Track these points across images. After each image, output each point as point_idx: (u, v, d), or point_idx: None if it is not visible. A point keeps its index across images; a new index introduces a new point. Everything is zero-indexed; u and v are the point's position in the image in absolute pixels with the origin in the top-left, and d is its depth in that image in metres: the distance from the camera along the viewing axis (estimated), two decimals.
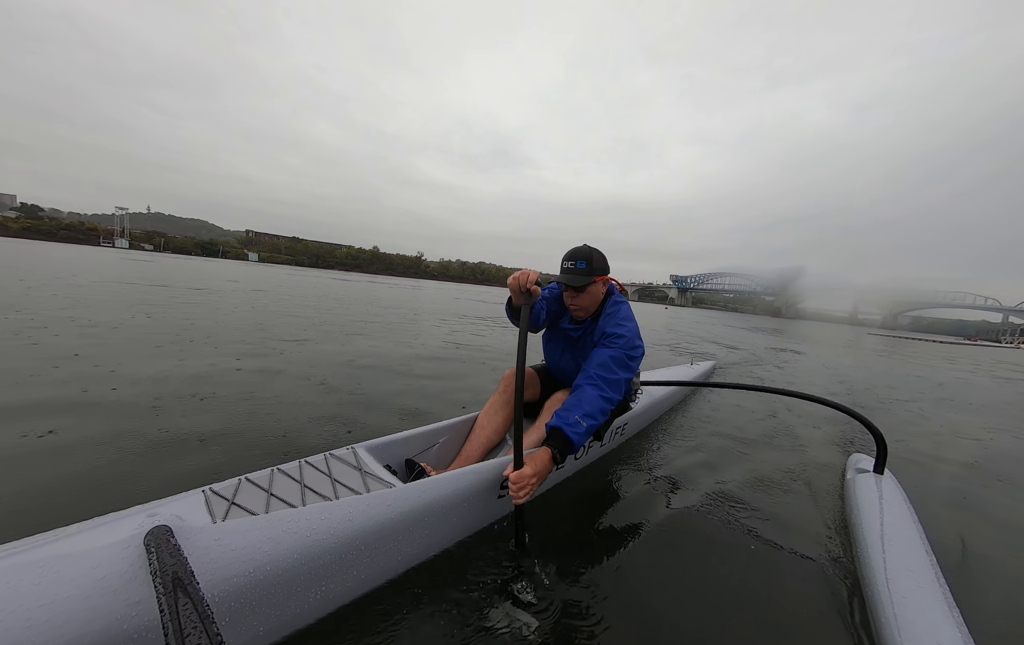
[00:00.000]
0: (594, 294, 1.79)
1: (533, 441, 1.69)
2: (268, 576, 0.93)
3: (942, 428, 3.97)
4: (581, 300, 1.77)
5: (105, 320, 5.03)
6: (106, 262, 20.94)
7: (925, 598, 1.22)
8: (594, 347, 1.77)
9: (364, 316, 8.53)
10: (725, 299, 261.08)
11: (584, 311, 1.82)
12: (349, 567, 1.09)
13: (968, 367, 12.22)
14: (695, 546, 1.61)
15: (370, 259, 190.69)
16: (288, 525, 0.99)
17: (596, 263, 1.73)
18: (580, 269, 1.71)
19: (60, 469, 1.71)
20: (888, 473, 2.07)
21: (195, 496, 1.11)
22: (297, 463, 1.33)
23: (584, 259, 1.71)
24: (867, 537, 1.55)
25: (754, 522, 1.80)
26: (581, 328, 1.88)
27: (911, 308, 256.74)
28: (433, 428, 1.77)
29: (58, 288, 7.82)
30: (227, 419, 2.36)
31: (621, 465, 2.22)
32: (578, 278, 1.70)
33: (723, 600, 1.34)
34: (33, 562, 0.75)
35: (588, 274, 1.71)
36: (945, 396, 6.05)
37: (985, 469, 2.89)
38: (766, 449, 2.77)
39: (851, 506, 1.85)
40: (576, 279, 1.70)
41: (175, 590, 0.71)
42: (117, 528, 0.94)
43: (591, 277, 1.71)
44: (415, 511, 1.23)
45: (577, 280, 1.70)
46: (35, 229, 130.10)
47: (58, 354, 3.34)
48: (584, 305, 1.80)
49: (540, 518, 1.63)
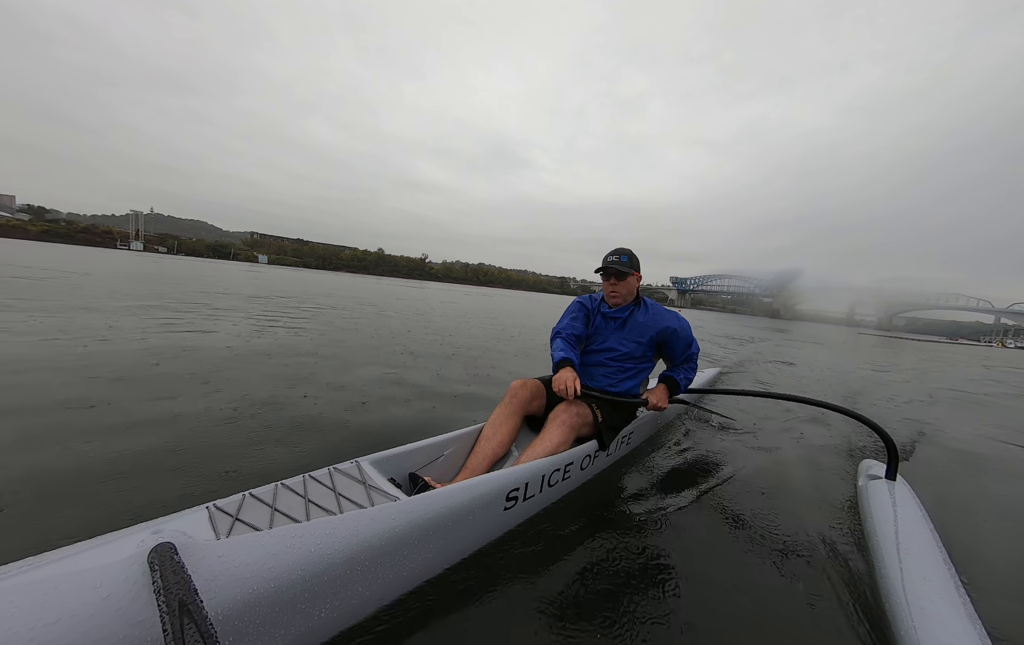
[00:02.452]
0: (631, 285, 2.11)
1: (539, 452, 1.66)
2: (272, 593, 0.90)
3: (941, 428, 3.90)
4: (620, 288, 2.09)
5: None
6: (226, 273, 21.57)
7: (945, 608, 1.18)
8: (660, 340, 2.14)
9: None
10: (723, 301, 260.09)
11: (622, 298, 2.12)
12: (354, 582, 1.06)
13: (942, 364, 12.50)
14: (704, 555, 1.57)
15: (375, 261, 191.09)
16: (292, 540, 0.96)
17: (634, 260, 2.09)
18: (623, 262, 2.05)
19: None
20: (901, 479, 2.01)
21: (199, 512, 1.08)
22: (301, 478, 1.30)
23: (626, 255, 2.07)
24: (882, 546, 1.51)
25: (765, 531, 1.76)
26: (624, 313, 2.15)
27: (906, 309, 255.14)
28: (438, 440, 1.73)
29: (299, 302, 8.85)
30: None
31: (627, 474, 2.19)
32: (622, 268, 2.04)
33: (737, 611, 1.30)
34: (37, 581, 0.73)
35: (629, 267, 2.06)
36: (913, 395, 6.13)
37: (996, 470, 2.84)
38: (775, 456, 2.71)
39: (865, 514, 1.80)
40: (620, 268, 2.03)
41: (179, 609, 0.69)
42: (121, 546, 0.91)
43: (631, 269, 2.06)
44: (421, 524, 1.19)
45: (621, 268, 2.03)
46: (53, 232, 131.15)
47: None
48: (622, 293, 2.11)
49: (549, 523, 1.61)
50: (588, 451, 1.88)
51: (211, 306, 7.57)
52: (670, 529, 1.72)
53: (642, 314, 2.15)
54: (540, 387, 2.02)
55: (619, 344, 2.14)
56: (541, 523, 1.57)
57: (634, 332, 2.13)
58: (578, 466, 1.84)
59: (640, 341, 2.13)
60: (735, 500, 2.02)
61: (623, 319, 2.15)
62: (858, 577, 1.49)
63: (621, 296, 2.11)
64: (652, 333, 2.13)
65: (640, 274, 2.14)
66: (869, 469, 2.17)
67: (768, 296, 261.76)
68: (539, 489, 1.60)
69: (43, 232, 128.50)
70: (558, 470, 1.69)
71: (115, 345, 3.91)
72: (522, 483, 1.51)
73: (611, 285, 2.08)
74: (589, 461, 1.93)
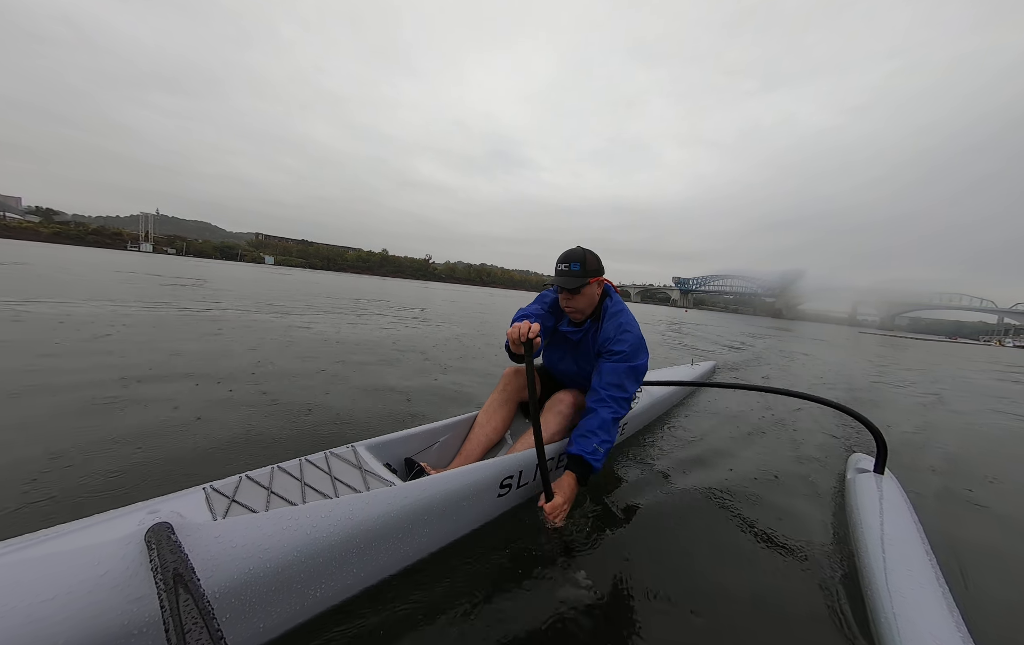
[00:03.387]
0: (589, 295, 1.75)
1: (532, 440, 1.66)
2: (268, 573, 0.92)
3: (931, 422, 3.89)
4: (576, 302, 1.74)
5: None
6: (236, 275, 22.41)
7: (925, 598, 1.19)
8: (598, 357, 1.75)
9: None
10: (725, 301, 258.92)
11: (580, 313, 1.78)
12: (349, 565, 1.07)
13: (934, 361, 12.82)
14: (693, 544, 1.58)
15: (380, 261, 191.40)
16: (288, 523, 0.98)
17: (590, 264, 1.70)
18: (574, 271, 1.68)
19: None
20: (888, 473, 2.02)
21: (196, 493, 1.10)
22: (297, 461, 1.31)
23: (578, 261, 1.68)
24: (867, 537, 1.52)
25: (753, 521, 1.76)
26: (581, 331, 1.83)
27: (909, 309, 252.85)
28: (433, 427, 1.74)
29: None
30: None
31: (620, 463, 2.19)
32: (572, 280, 1.68)
33: (721, 598, 1.31)
34: (36, 558, 0.74)
35: (582, 276, 1.68)
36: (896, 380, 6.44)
37: (982, 466, 2.81)
38: (765, 449, 2.71)
39: (851, 506, 1.81)
40: (570, 281, 1.68)
41: (176, 586, 0.70)
42: (118, 525, 0.92)
43: (585, 278, 1.69)
44: (415, 509, 1.21)
45: (571, 282, 1.67)
46: (65, 234, 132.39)
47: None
48: (580, 307, 1.76)
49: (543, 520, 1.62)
50: None
51: (357, 310, 9.63)
52: (661, 517, 1.72)
53: (604, 331, 1.78)
54: (533, 375, 1.99)
55: (576, 366, 1.90)
56: (534, 510, 1.58)
57: (591, 354, 1.82)
58: None
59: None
60: (725, 490, 2.02)
61: (576, 341, 1.85)
62: (841, 568, 1.50)
63: (580, 311, 1.77)
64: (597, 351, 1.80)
65: (603, 278, 1.79)
66: (858, 463, 2.18)
67: (770, 296, 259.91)
68: (532, 477, 1.61)
69: (54, 234, 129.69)
70: (551, 458, 1.69)
71: (364, 332, 6.14)
72: (516, 470, 1.52)
73: (565, 299, 1.74)
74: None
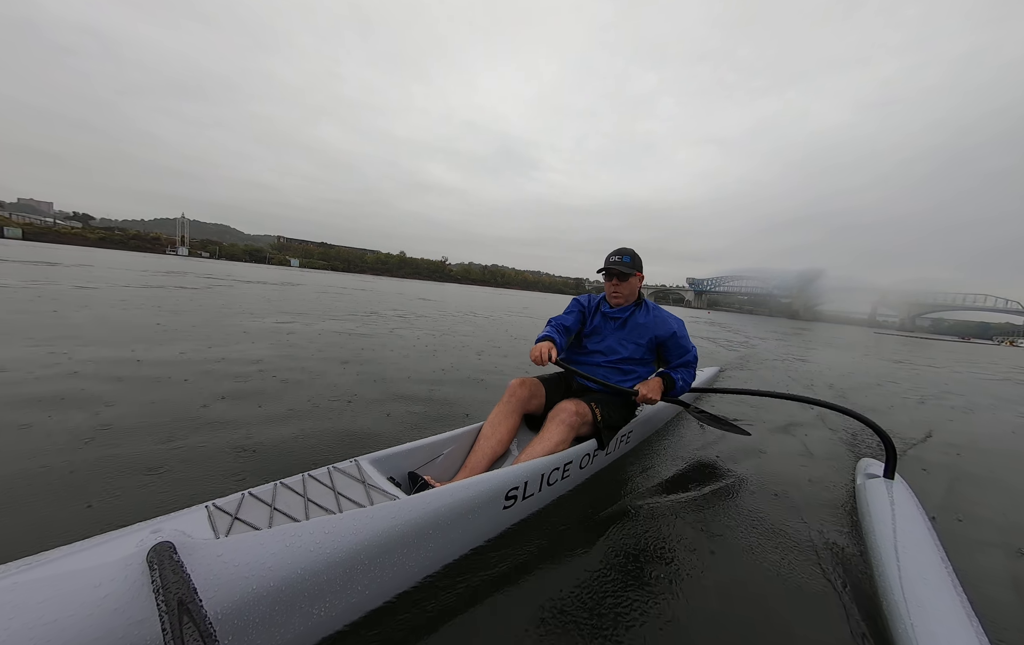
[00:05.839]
0: (633, 285, 2.03)
1: (538, 451, 1.62)
2: (271, 592, 0.89)
3: (940, 426, 3.66)
4: (622, 288, 2.02)
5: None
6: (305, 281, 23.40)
7: (943, 608, 1.13)
8: (659, 342, 2.07)
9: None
10: (740, 301, 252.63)
11: (623, 298, 2.06)
12: (354, 582, 1.04)
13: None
14: (702, 553, 1.50)
15: (398, 264, 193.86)
16: (291, 540, 0.95)
17: (637, 261, 2.02)
18: (625, 263, 1.98)
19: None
20: (899, 477, 1.94)
21: (198, 511, 1.08)
22: (300, 477, 1.28)
23: (629, 255, 2.00)
24: (880, 544, 1.45)
25: (763, 529, 1.69)
26: (624, 313, 2.08)
27: (931, 310, 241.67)
28: (437, 439, 1.70)
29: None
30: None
31: (626, 473, 2.12)
32: (624, 268, 1.97)
33: (735, 609, 1.24)
34: (36, 580, 0.72)
35: (631, 267, 1.99)
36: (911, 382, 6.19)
37: (993, 470, 2.66)
38: (773, 454, 2.61)
39: (862, 513, 1.75)
40: (623, 268, 1.97)
41: (178, 609, 0.68)
42: (120, 545, 0.90)
43: (633, 270, 1.99)
44: (420, 523, 1.17)
45: (624, 269, 1.97)
46: (109, 239, 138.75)
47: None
48: (624, 293, 2.04)
49: (549, 522, 1.57)
50: (587, 450, 1.82)
51: (440, 312, 10.89)
52: (668, 528, 1.65)
53: (643, 315, 2.08)
54: (539, 385, 1.96)
55: (619, 344, 2.07)
56: (540, 522, 1.53)
57: (634, 333, 2.06)
58: (577, 465, 1.79)
59: (639, 343, 2.06)
60: (733, 498, 1.94)
61: (623, 319, 2.09)
62: (855, 575, 1.44)
63: (623, 296, 2.05)
64: (651, 335, 2.06)
65: (643, 275, 2.07)
66: (867, 468, 2.11)
67: (786, 296, 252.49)
68: (538, 488, 1.56)
69: (100, 239, 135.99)
70: (557, 469, 1.64)
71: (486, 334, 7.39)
72: (521, 482, 1.47)
73: (613, 285, 2.03)
74: (588, 460, 1.87)
